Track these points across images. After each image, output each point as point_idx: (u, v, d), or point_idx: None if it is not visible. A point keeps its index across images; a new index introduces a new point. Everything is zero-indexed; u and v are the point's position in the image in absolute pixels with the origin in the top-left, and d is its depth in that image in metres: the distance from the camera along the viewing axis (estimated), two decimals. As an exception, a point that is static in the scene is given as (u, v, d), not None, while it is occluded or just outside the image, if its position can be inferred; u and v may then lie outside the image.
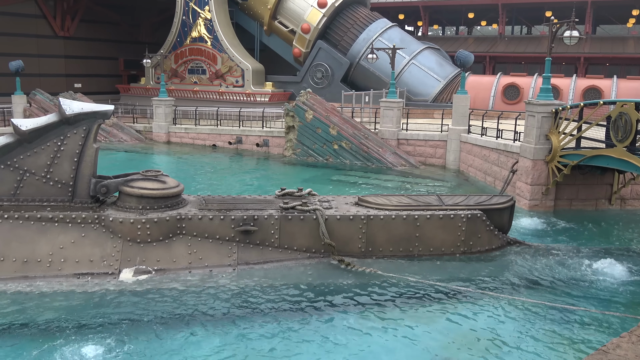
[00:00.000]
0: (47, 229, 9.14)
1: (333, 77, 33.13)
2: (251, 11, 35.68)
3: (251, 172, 22.37)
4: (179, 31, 35.37)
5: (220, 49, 34.09)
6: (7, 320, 7.73)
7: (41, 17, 35.64)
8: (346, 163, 22.87)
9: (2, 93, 31.10)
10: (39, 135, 9.35)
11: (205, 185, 18.62)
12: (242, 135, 26.90)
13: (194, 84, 35.52)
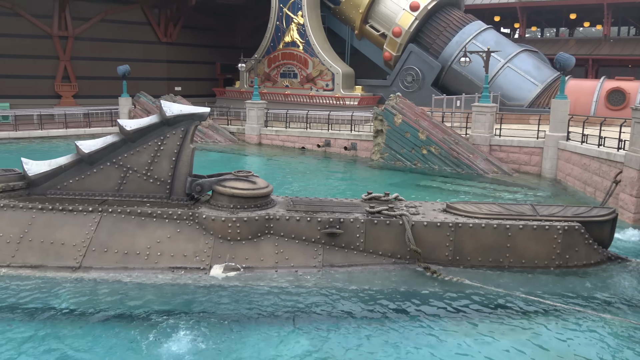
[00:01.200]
0: (146, 223, 9.69)
1: (423, 81, 32.65)
2: (343, 15, 35.96)
3: (338, 175, 22.52)
4: (272, 36, 36.35)
5: (312, 53, 34.64)
6: (106, 307, 8.28)
7: (147, 25, 37.98)
8: (435, 168, 22.44)
9: (111, 95, 33.45)
10: (142, 135, 9.96)
11: (293, 186, 18.98)
12: (330, 138, 27.16)
13: (286, 87, 36.34)
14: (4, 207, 9.79)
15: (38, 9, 33.94)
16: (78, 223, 9.61)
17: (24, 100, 33.52)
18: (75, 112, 32.88)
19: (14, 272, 9.14)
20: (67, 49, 35.06)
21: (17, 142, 28.23)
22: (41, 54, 34.48)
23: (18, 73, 33.76)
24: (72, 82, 35.61)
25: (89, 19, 35.52)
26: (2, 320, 7.87)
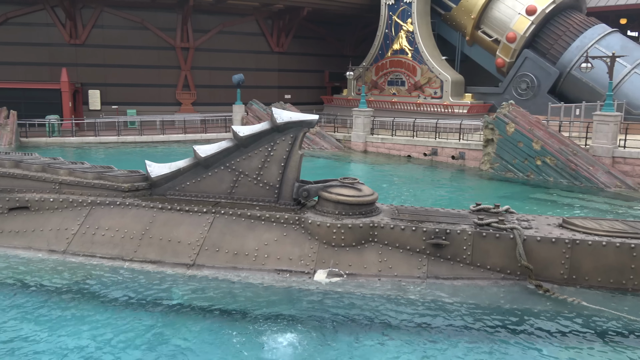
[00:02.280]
0: (255, 226, 10.05)
1: (539, 88, 31.04)
2: (454, 22, 35.18)
3: (445, 184, 21.99)
4: (381, 44, 36.39)
5: (420, 61, 34.21)
6: (215, 304, 8.68)
7: (260, 35, 39.60)
8: (549, 181, 21.21)
9: (226, 103, 35.24)
10: (254, 140, 10.36)
11: (398, 195, 18.81)
12: (437, 147, 26.62)
13: (393, 95, 36.18)
14: (129, 206, 10.63)
15: (163, 23, 36.62)
16: (193, 223, 10.19)
17: (149, 107, 36.26)
18: (193, 119, 35.02)
19: (136, 266, 9.87)
20: (188, 59, 37.45)
21: (141, 146, 30.57)
22: (165, 64, 37.15)
23: (144, 82, 36.62)
24: (191, 90, 37.96)
25: (208, 31, 37.71)
26: (122, 309, 8.52)
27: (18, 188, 11.29)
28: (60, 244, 10.37)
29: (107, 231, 10.35)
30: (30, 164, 11.53)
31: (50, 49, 35.49)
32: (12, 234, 10.74)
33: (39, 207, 10.96)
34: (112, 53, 36.10)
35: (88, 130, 32.68)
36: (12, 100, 31.13)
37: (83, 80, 35.74)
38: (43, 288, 9.18)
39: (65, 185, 11.11)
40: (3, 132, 28.48)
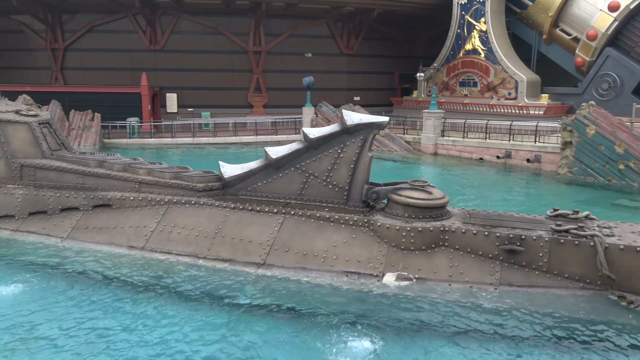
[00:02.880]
0: (324, 227, 10.12)
1: (622, 88, 29.37)
2: (530, 20, 33.95)
3: (519, 188, 21.24)
4: (452, 44, 35.69)
5: (494, 61, 33.26)
6: (285, 303, 8.81)
7: (330, 38, 39.85)
8: (633, 186, 20.03)
9: (296, 105, 35.69)
10: (324, 142, 10.43)
11: (469, 198, 18.36)
12: (511, 149, 25.77)
13: (464, 96, 35.37)
14: (204, 205, 10.99)
15: (237, 28, 37.62)
16: (264, 223, 10.39)
17: (222, 109, 37.36)
18: (264, 121, 35.73)
19: (209, 264, 10.18)
20: (260, 62, 38.27)
21: (214, 147, 31.53)
22: (238, 68, 38.14)
23: (218, 85, 37.77)
24: (262, 93, 38.76)
25: (279, 35, 38.38)
26: (196, 305, 8.81)
27: (101, 187, 11.95)
28: (139, 240, 10.87)
29: (182, 229, 10.75)
30: (113, 164, 12.17)
31: (132, 54, 37.32)
32: (96, 230, 11.37)
33: (120, 205, 11.55)
34: (189, 58, 37.47)
35: (165, 132, 34.07)
36: (97, 103, 32.98)
37: (161, 84, 37.31)
38: (123, 282, 9.65)
39: (144, 184, 11.65)
40: (88, 133, 30.22)
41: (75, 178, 12.17)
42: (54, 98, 31.62)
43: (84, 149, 26.94)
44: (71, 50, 37.84)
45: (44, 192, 12.18)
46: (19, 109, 13.61)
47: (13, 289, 9.26)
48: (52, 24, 36.89)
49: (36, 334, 7.82)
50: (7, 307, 8.65)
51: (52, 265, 10.41)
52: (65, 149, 13.70)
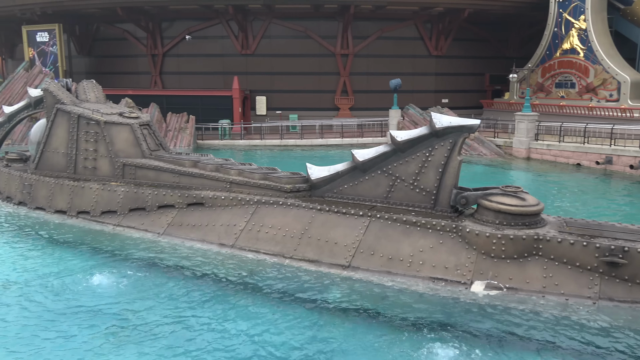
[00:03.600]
0: (410, 231, 9.97)
1: None
2: (636, 16, 31.67)
3: (621, 196, 19.86)
4: (548, 44, 34.04)
5: (594, 61, 31.34)
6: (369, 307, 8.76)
7: (419, 39, 39.27)
8: None
9: (382, 107, 35.51)
10: (411, 145, 10.29)
11: (566, 206, 17.40)
12: (612, 155, 24.15)
13: (561, 98, 33.61)
14: (291, 206, 11.18)
15: (325, 31, 38.01)
16: (350, 225, 10.41)
17: (309, 112, 37.87)
18: (350, 123, 35.84)
19: (295, 264, 10.35)
20: (347, 65, 38.42)
21: (301, 149, 32.04)
22: (325, 70, 38.51)
23: (305, 88, 38.33)
24: (349, 95, 38.89)
25: (367, 37, 38.35)
26: (282, 304, 8.97)
27: (195, 186, 12.49)
28: (230, 238, 11.25)
29: (270, 229, 11.00)
30: (206, 164, 12.69)
31: (224, 59, 38.77)
32: (190, 227, 11.90)
33: (212, 204, 12.01)
34: (278, 61, 38.35)
35: (255, 134, 35.06)
36: (192, 106, 34.56)
37: (252, 88, 38.45)
38: (213, 279, 10.03)
39: (235, 184, 12.05)
40: (183, 135, 31.73)
41: (172, 177, 12.81)
42: (153, 101, 33.50)
43: (180, 150, 28.31)
44: (169, 55, 39.92)
45: (143, 189, 12.92)
46: (122, 111, 14.54)
47: (114, 279, 9.89)
48: (153, 31, 39.09)
49: (133, 321, 8.32)
50: (109, 295, 9.26)
51: (149, 259, 11.01)
52: (162, 149, 14.46)
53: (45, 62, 39.41)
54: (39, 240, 12.42)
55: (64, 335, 7.91)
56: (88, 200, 13.48)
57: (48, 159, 14.65)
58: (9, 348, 7.57)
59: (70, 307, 8.82)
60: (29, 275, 10.24)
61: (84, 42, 42.52)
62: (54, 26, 38.94)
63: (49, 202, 14.12)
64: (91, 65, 42.75)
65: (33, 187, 14.62)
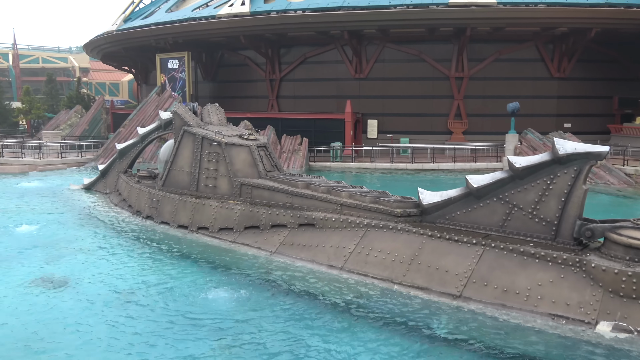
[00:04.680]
0: (527, 263, 9.43)
1: None
2: None
3: None
4: (690, 64, 31.01)
5: None
6: (482, 340, 8.35)
7: (539, 61, 37.51)
8: None
9: (497, 132, 34.21)
10: (531, 172, 9.78)
11: None
12: None
13: None
14: (401, 230, 11.06)
15: (439, 54, 37.57)
16: (461, 253, 10.07)
17: (420, 135, 37.45)
18: (463, 147, 34.91)
19: (404, 290, 10.18)
20: (462, 88, 37.60)
21: (412, 173, 31.68)
22: (438, 94, 37.97)
23: (417, 112, 38.02)
24: (463, 119, 37.96)
25: (483, 60, 37.33)
26: (388, 330, 8.83)
27: (307, 207, 12.77)
28: (339, 260, 11.33)
29: (379, 253, 10.94)
30: (318, 186, 12.95)
31: (338, 83, 39.60)
32: (300, 247, 12.17)
33: (322, 225, 12.21)
34: (390, 85, 38.46)
35: (365, 157, 35.27)
36: (305, 128, 35.59)
37: (363, 111, 38.84)
38: (321, 299, 10.13)
39: (345, 207, 12.17)
40: (296, 156, 32.70)
41: (285, 197, 13.22)
42: (269, 124, 34.96)
43: (293, 171, 29.19)
44: (286, 80, 41.55)
45: (258, 208, 13.45)
46: (241, 133, 15.32)
47: (229, 294, 10.33)
48: (272, 57, 40.97)
49: (243, 337, 8.60)
50: (223, 309, 9.67)
51: (261, 276, 11.39)
52: (277, 170, 15.00)
53: (175, 87, 42.70)
54: (162, 252, 13.32)
55: (176, 344, 8.36)
56: (208, 216, 14.27)
57: (174, 177, 15.75)
58: (125, 350, 8.13)
59: (186, 317, 9.33)
60: (150, 284, 10.99)
61: (209, 68, 45.56)
62: (184, 54, 42.24)
63: (173, 217, 15.13)
64: (215, 89, 45.64)
65: (160, 202, 15.77)
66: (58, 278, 11.21)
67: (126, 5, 51.87)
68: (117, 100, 70.05)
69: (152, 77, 49.63)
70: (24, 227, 15.67)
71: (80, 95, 57.23)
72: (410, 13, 34.00)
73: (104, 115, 46.59)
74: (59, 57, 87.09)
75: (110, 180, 20.80)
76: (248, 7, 37.18)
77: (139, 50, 46.74)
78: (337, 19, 35.23)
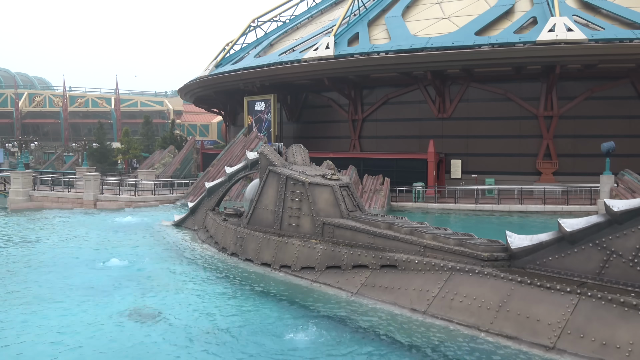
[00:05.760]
0: (629, 315, 8.73)
1: None
2: None
3: None
4: None
5: None
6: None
7: (635, 98, 35.52)
8: None
9: (591, 173, 32.46)
10: (631, 216, 9.15)
11: None
12: None
13: None
14: (488, 275, 10.63)
15: (527, 93, 36.54)
16: (555, 302, 9.50)
17: (507, 176, 36.22)
18: (553, 189, 33.33)
19: (491, 339, 9.70)
20: (551, 127, 36.21)
21: (498, 215, 30.57)
22: (526, 133, 36.76)
23: (504, 152, 36.93)
24: (552, 159, 36.39)
25: (574, 98, 35.88)
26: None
27: (389, 248, 12.63)
28: (422, 304, 11.04)
29: (464, 298, 10.55)
30: (401, 227, 12.80)
31: (420, 123, 39.42)
32: (382, 289, 11.99)
33: (405, 267, 11.99)
34: (475, 124, 37.75)
35: (448, 198, 34.52)
36: (387, 168, 35.52)
37: (446, 151, 38.26)
38: (403, 344, 9.85)
39: (429, 249, 11.91)
40: (378, 196, 32.59)
41: (367, 238, 13.15)
42: (351, 163, 35.22)
43: (374, 210, 29.07)
44: (368, 120, 41.92)
45: (339, 248, 13.46)
46: (324, 173, 15.54)
47: (309, 334, 10.30)
48: (354, 98, 41.61)
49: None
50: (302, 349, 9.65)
51: (342, 317, 11.28)
52: (359, 210, 15.01)
53: (261, 128, 44.28)
54: (245, 289, 13.59)
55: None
56: (290, 255, 14.46)
57: (258, 215, 16.17)
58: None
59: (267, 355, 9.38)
60: (234, 321, 11.20)
61: (293, 109, 46.95)
62: (270, 96, 43.90)
63: (257, 255, 15.46)
64: (298, 130, 46.84)
65: (244, 240, 16.19)
66: (149, 311, 11.70)
67: (218, 52, 54.98)
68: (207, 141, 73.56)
69: (239, 119, 51.81)
70: (120, 260, 16.58)
71: (173, 136, 60.69)
72: (495, 52, 33.49)
73: (194, 155, 49.02)
74: (156, 100, 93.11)
75: (198, 218, 21.67)
76: (332, 51, 38.20)
77: (228, 94, 49.11)
78: (420, 59, 35.35)
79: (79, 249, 18.84)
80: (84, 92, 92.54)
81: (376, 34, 40.29)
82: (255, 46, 51.09)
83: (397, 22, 39.80)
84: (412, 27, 38.78)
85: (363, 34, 39.74)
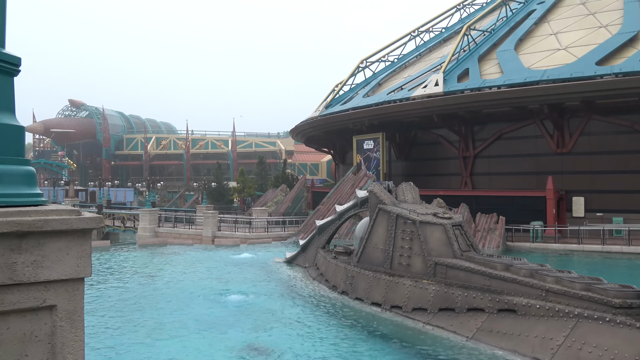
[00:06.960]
0: None
1: None
2: None
3: None
4: None
5: None
6: None
7: None
8: None
9: None
10: None
11: None
12: None
13: None
14: (621, 324, 9.69)
15: (658, 124, 33.66)
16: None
17: (638, 215, 33.19)
18: (694, 229, 29.96)
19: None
20: (689, 161, 32.89)
21: (629, 257, 27.95)
22: (658, 168, 33.68)
23: (633, 188, 33.97)
24: (692, 196, 32.89)
25: None
26: None
27: (507, 291, 11.97)
28: (545, 353, 10.28)
29: (594, 349, 9.68)
30: (519, 269, 12.11)
31: (537, 159, 37.49)
32: (500, 334, 11.34)
33: (525, 312, 11.28)
34: (599, 159, 35.22)
35: (571, 237, 32.22)
36: (501, 206, 33.97)
37: (567, 188, 35.94)
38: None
39: (551, 293, 11.13)
40: (492, 235, 31.20)
41: (482, 279, 12.58)
42: (462, 201, 34.15)
43: (488, 250, 27.82)
44: (480, 157, 40.64)
45: (453, 290, 12.99)
46: (435, 211, 15.21)
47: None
48: (465, 134, 40.65)
49: None
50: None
51: (457, 363, 10.79)
52: (473, 250, 14.44)
53: (369, 166, 44.51)
54: (356, 329, 13.48)
55: None
56: (401, 295, 14.18)
57: (368, 253, 16.11)
58: None
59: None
60: None
61: (402, 147, 46.78)
62: (378, 135, 44.16)
63: (367, 294, 15.34)
64: (407, 167, 46.48)
65: (354, 278, 16.16)
66: (262, 347, 11.97)
67: (327, 93, 56.60)
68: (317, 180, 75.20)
69: (348, 158, 52.52)
70: (236, 296, 17.22)
71: (285, 175, 62.76)
72: (620, 82, 31.31)
73: (305, 193, 50.25)
74: (269, 141, 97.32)
75: (309, 255, 22.02)
76: (442, 87, 37.85)
77: (338, 133, 50.10)
78: (536, 93, 33.93)
79: (200, 283, 19.86)
80: (204, 135, 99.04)
81: (487, 68, 39.42)
82: (364, 86, 51.96)
83: (510, 55, 38.72)
84: (525, 60, 37.49)
85: (473, 69, 39.03)
